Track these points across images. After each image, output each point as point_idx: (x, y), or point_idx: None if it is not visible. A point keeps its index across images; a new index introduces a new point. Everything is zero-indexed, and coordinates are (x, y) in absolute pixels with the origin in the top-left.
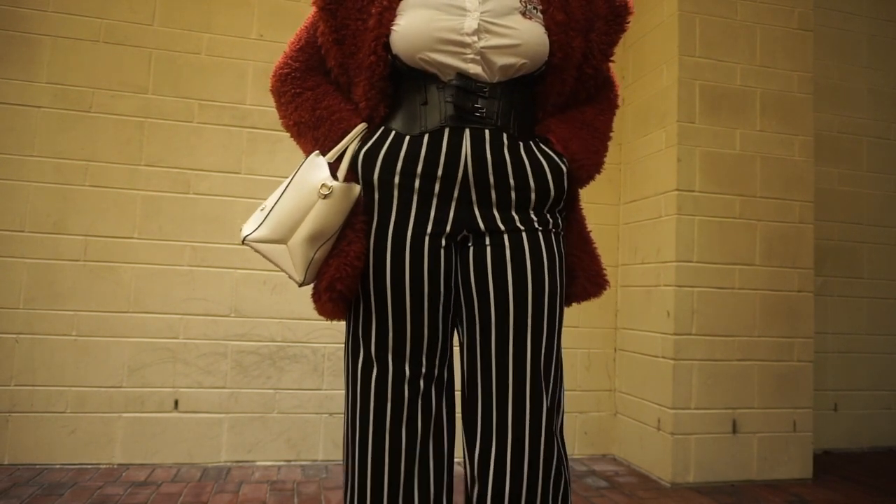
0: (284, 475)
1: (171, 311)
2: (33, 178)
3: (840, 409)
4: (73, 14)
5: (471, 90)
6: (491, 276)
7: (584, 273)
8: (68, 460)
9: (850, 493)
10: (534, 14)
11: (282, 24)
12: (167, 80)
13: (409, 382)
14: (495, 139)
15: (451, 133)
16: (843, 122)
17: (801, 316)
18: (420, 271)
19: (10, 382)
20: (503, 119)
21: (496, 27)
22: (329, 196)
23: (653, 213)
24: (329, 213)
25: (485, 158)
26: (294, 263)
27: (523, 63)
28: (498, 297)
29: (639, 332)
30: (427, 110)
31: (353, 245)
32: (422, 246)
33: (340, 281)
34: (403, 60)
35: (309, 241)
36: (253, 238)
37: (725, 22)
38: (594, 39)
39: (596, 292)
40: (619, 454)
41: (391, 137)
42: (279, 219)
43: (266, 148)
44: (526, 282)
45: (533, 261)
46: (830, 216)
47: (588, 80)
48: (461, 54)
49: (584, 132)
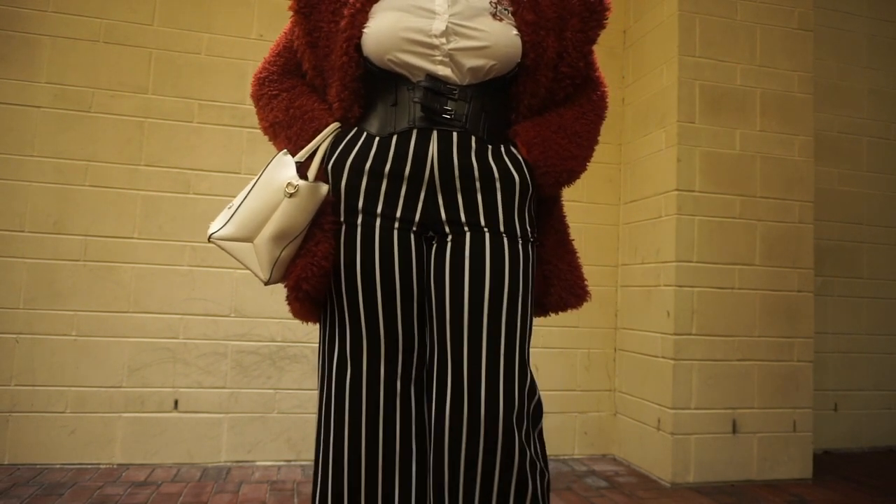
0: (284, 475)
1: (171, 311)
2: (33, 178)
3: (840, 409)
4: (73, 14)
5: (440, 92)
6: (448, 274)
7: (560, 283)
8: (68, 460)
9: (850, 493)
10: (504, 15)
11: (282, 24)
12: (167, 80)
13: (385, 383)
14: (463, 142)
15: (418, 134)
16: (843, 122)
17: (801, 316)
18: (390, 265)
19: (10, 382)
20: (472, 122)
21: (465, 29)
22: (295, 195)
23: (653, 213)
24: (295, 212)
25: (451, 161)
26: (259, 262)
27: (493, 65)
28: (453, 296)
29: (639, 332)
30: (397, 111)
31: (321, 245)
32: (391, 239)
33: (306, 281)
34: (373, 62)
35: (274, 240)
36: (218, 236)
37: (725, 22)
38: (569, 38)
39: (575, 303)
40: (619, 454)
41: (362, 139)
42: (245, 217)
43: (266, 148)
44: (483, 282)
45: (493, 260)
46: (830, 216)
47: (564, 79)
48: (429, 56)
49: (558, 136)
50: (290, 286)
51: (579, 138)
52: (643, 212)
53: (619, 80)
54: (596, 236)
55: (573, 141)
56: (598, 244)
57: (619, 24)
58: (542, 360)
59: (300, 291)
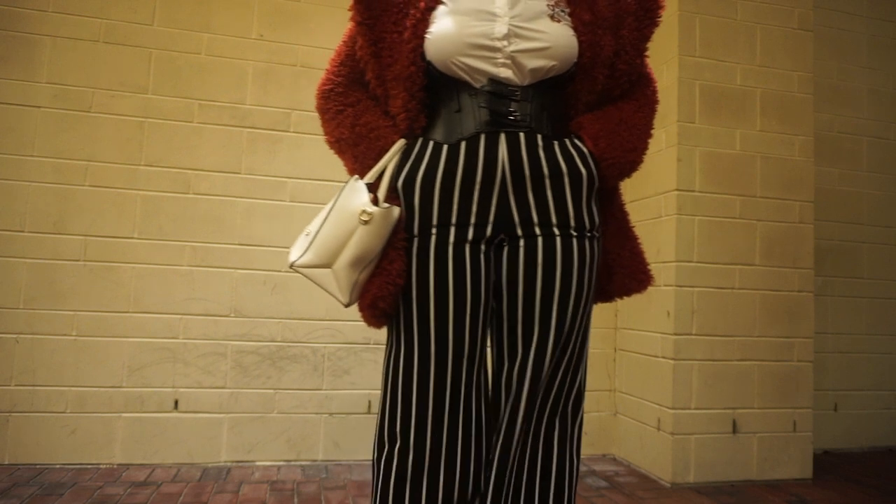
0: (284, 475)
1: (171, 311)
2: (33, 178)
3: (840, 409)
4: (73, 14)
5: (503, 94)
6: (521, 278)
7: (623, 270)
8: (68, 460)
9: (850, 493)
10: (562, 16)
11: (282, 24)
12: (167, 80)
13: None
14: (530, 141)
15: (486, 138)
16: (843, 122)
17: (801, 316)
18: (463, 281)
19: (10, 382)
20: (536, 120)
21: (526, 31)
22: (369, 222)
23: (653, 212)
24: (370, 238)
25: (521, 160)
26: (339, 287)
27: (553, 65)
28: (526, 299)
29: (639, 332)
30: (462, 117)
31: (395, 263)
32: (463, 253)
33: (383, 300)
34: (437, 67)
35: (352, 265)
36: (300, 264)
37: (725, 22)
38: (625, 36)
39: (638, 288)
40: (619, 454)
41: (430, 149)
42: (323, 244)
43: (266, 148)
44: (553, 285)
45: (563, 265)
46: (830, 216)
47: (622, 76)
48: (492, 59)
49: (620, 129)
50: (367, 304)
51: (638, 130)
52: (643, 212)
53: None
54: None
55: (634, 133)
56: None
57: None
58: None
59: (377, 309)
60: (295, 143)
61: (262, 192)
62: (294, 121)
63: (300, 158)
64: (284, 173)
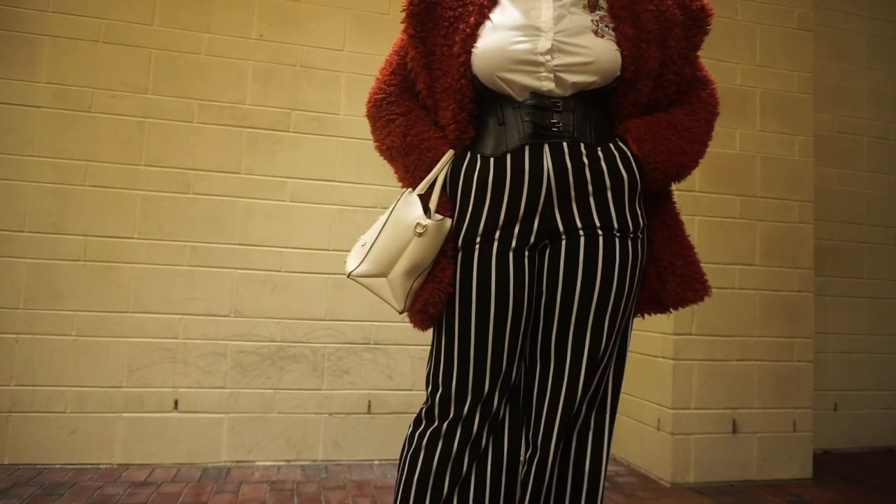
0: (284, 475)
1: (171, 311)
2: (33, 178)
3: (840, 409)
4: (73, 14)
5: (546, 107)
6: (562, 270)
7: (675, 278)
8: (68, 460)
9: (850, 493)
10: (606, 31)
11: (282, 24)
12: (167, 80)
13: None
14: (573, 150)
15: (531, 150)
16: (843, 122)
17: (801, 316)
18: (504, 288)
19: (10, 382)
20: (579, 129)
21: (569, 46)
22: (424, 234)
23: None
24: (424, 249)
25: (565, 169)
26: (395, 295)
27: (594, 80)
28: (565, 294)
29: (639, 332)
30: (506, 130)
31: (446, 271)
32: (506, 263)
33: (433, 305)
34: (482, 80)
35: (407, 274)
36: (357, 273)
37: (725, 22)
38: (672, 46)
39: (693, 298)
40: (619, 454)
41: (478, 162)
42: (379, 255)
43: (266, 148)
44: (594, 280)
45: (605, 261)
46: (830, 216)
47: (669, 85)
48: (535, 73)
49: (668, 132)
50: (418, 309)
51: (690, 133)
52: None
53: None
54: None
55: (684, 136)
56: None
57: None
58: None
59: (426, 314)
60: (295, 143)
61: (262, 192)
62: (294, 121)
63: (300, 158)
64: (284, 173)
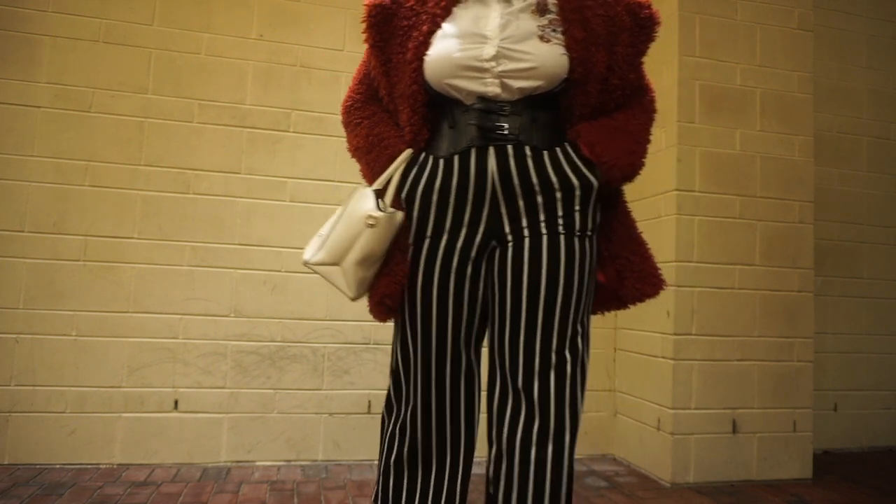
0: (284, 475)
1: (171, 311)
2: (33, 178)
3: (840, 409)
4: (73, 14)
5: (492, 111)
6: (509, 272)
7: (633, 274)
8: (68, 460)
9: (850, 493)
10: (553, 36)
11: (282, 24)
12: (167, 80)
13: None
14: (518, 153)
15: (477, 152)
16: (843, 122)
17: (801, 316)
18: (451, 282)
19: (10, 382)
20: (525, 133)
21: (514, 53)
22: (374, 226)
23: (653, 213)
24: (375, 240)
25: (509, 171)
26: (347, 283)
27: (539, 84)
28: (514, 293)
29: (639, 332)
30: (455, 133)
31: (401, 265)
32: (451, 257)
33: (389, 297)
34: (432, 86)
35: (359, 264)
36: (313, 261)
37: (725, 22)
38: (619, 52)
39: (651, 292)
40: (619, 454)
41: (430, 162)
42: (333, 245)
43: (266, 148)
44: (540, 279)
45: (549, 259)
46: (830, 216)
47: (615, 90)
48: (480, 79)
49: (616, 134)
50: (375, 301)
51: (635, 135)
52: (643, 212)
53: None
54: None
55: (630, 137)
56: None
57: None
58: None
59: (383, 306)
60: (295, 143)
61: (262, 192)
62: (294, 121)
63: (300, 158)
64: (284, 173)
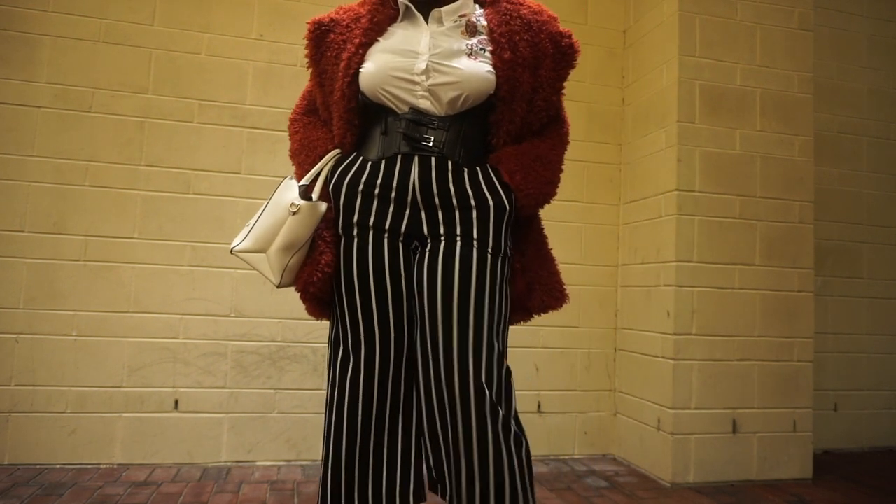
0: (284, 475)
1: (171, 311)
2: (33, 178)
3: (840, 409)
4: (73, 14)
5: (421, 122)
6: (426, 276)
7: (541, 287)
8: (68, 460)
9: (850, 493)
10: (480, 55)
11: (282, 24)
12: (167, 80)
13: (379, 370)
14: (440, 166)
15: (402, 159)
16: (843, 122)
17: (801, 316)
18: (382, 271)
19: (10, 382)
20: (449, 148)
21: (442, 67)
22: (297, 213)
23: (653, 213)
24: (298, 227)
25: (430, 183)
26: (272, 269)
27: (466, 96)
28: (429, 295)
29: (639, 332)
30: (385, 139)
31: (324, 255)
32: (381, 248)
33: (312, 285)
34: (367, 95)
35: (283, 251)
36: (239, 249)
37: (725, 22)
38: (543, 75)
39: (554, 304)
40: (619, 454)
41: (358, 162)
42: (259, 233)
43: (266, 148)
44: (453, 280)
45: (461, 265)
46: (830, 216)
47: (540, 111)
48: (412, 90)
49: (536, 165)
50: (300, 289)
51: (553, 165)
52: (643, 212)
53: (619, 80)
54: (596, 236)
55: (548, 168)
56: (598, 244)
57: (619, 24)
58: (542, 360)
59: (307, 293)
60: None
61: (262, 192)
62: None
63: None
64: (284, 173)
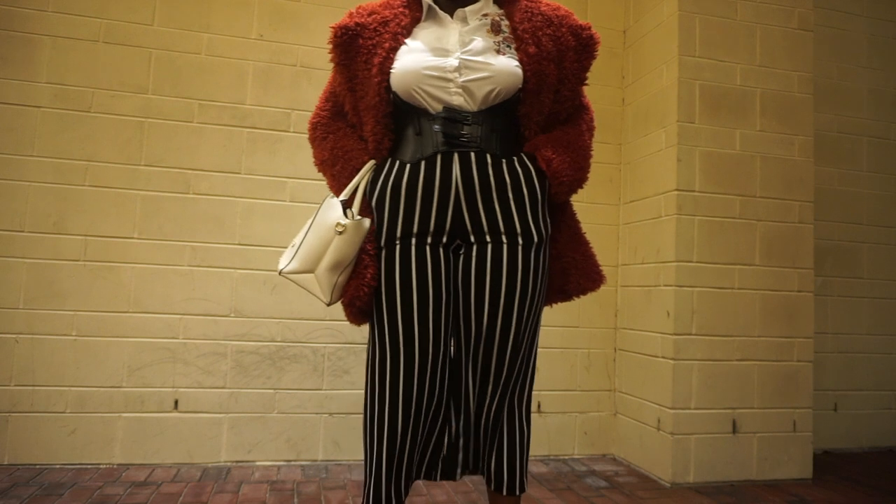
0: (284, 475)
1: (171, 311)
2: (33, 178)
3: (840, 409)
4: (73, 14)
5: (456, 119)
6: (473, 279)
7: (577, 271)
8: (68, 460)
9: (850, 493)
10: (507, 50)
11: (282, 24)
12: (167, 80)
13: (418, 375)
14: (480, 159)
15: (442, 158)
16: (843, 122)
17: (801, 316)
18: (424, 280)
19: (10, 382)
20: (486, 142)
21: (474, 63)
22: (343, 233)
23: (653, 213)
24: (344, 246)
25: (472, 177)
26: (321, 289)
27: (499, 90)
28: (477, 298)
29: (639, 332)
30: (421, 140)
31: (369, 269)
32: (424, 258)
33: (359, 299)
34: (400, 95)
35: (331, 270)
36: (287, 270)
37: (725, 22)
38: (567, 67)
39: (592, 287)
40: (619, 454)
41: (395, 167)
42: (306, 253)
43: (266, 148)
44: (500, 285)
45: (509, 268)
46: (830, 216)
47: (566, 100)
48: (446, 88)
49: (569, 151)
50: (346, 303)
51: (584, 151)
52: (643, 212)
53: (619, 80)
54: (596, 236)
55: (580, 154)
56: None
57: (619, 24)
58: (543, 359)
59: (354, 307)
60: (295, 143)
61: (262, 192)
62: (294, 121)
63: (300, 158)
64: (284, 173)
